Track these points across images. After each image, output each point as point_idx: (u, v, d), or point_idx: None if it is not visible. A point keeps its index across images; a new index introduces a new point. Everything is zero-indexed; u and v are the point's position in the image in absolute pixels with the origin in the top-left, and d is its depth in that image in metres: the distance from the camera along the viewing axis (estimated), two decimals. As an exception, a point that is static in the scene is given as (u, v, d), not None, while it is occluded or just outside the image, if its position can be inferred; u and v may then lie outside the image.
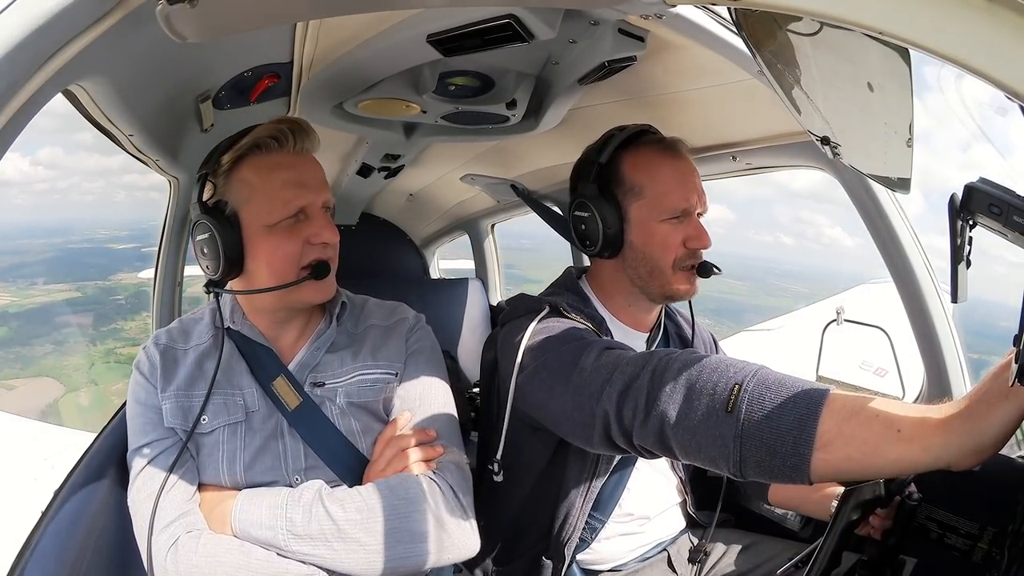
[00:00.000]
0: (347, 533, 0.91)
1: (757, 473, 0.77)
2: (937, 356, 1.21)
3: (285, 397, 1.01)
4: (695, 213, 1.17)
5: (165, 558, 0.90)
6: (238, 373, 1.03)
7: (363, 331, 1.10)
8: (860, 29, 0.49)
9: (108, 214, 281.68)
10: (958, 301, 0.66)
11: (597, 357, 0.97)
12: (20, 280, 32.77)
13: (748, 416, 0.76)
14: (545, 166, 1.93)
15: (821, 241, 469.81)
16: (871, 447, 0.69)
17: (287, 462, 1.00)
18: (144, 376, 1.02)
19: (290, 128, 0.99)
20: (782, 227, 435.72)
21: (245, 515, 0.93)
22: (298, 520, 0.91)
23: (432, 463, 1.00)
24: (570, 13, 1.01)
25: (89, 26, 0.66)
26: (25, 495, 2.00)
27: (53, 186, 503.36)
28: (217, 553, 0.90)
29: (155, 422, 0.99)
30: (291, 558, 0.91)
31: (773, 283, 69.20)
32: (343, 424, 1.03)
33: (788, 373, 0.80)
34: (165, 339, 1.06)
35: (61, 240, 49.67)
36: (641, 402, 0.87)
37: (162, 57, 0.94)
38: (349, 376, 1.05)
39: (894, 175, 0.85)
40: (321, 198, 1.00)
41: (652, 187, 1.15)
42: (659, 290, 1.18)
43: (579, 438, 1.00)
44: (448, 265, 3.46)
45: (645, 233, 1.16)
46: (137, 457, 0.98)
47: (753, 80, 0.99)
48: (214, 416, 1.00)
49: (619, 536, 1.24)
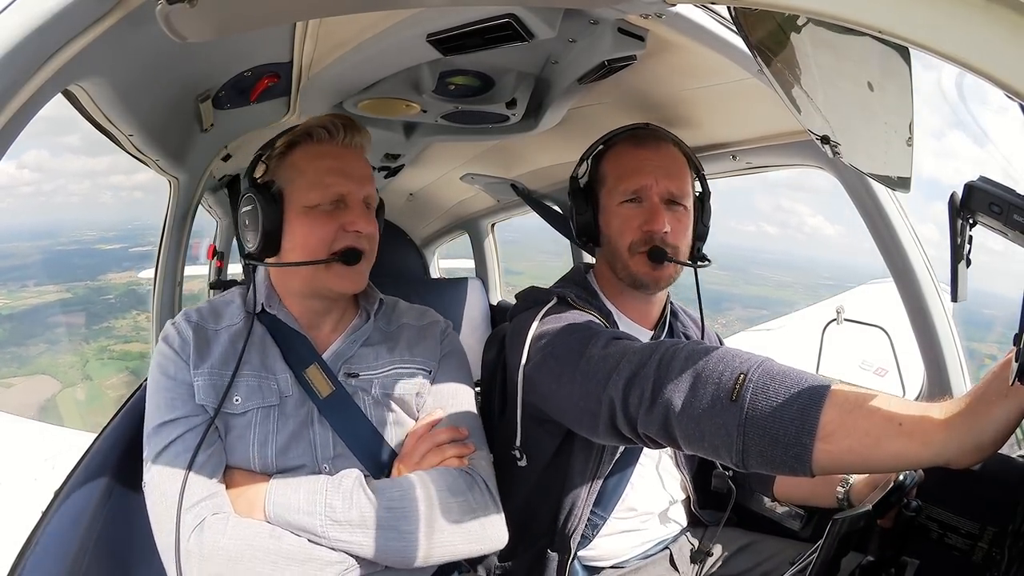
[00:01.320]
0: (387, 521, 0.92)
1: (759, 463, 0.77)
2: (937, 355, 1.21)
3: (317, 385, 1.02)
4: (653, 196, 1.17)
5: (188, 539, 0.89)
6: (272, 357, 1.03)
7: (396, 329, 1.13)
8: (860, 28, 0.49)
9: (94, 215, 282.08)
10: (958, 300, 0.66)
11: (604, 346, 0.98)
12: (11, 283, 33.10)
13: (752, 405, 0.76)
14: (545, 165, 1.93)
15: (803, 230, 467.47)
16: (872, 439, 0.69)
17: (317, 450, 1.01)
18: (175, 351, 1.00)
19: (343, 123, 1.05)
20: (764, 216, 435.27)
21: (282, 499, 0.93)
22: (339, 506, 0.92)
23: (465, 460, 1.03)
24: (570, 12, 1.01)
25: (89, 26, 0.66)
26: (25, 495, 2.00)
27: (38, 189, 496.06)
28: (248, 537, 0.89)
29: (185, 397, 0.97)
30: (324, 545, 0.91)
31: (755, 272, 69.25)
32: (375, 415, 1.05)
33: (793, 366, 0.80)
34: (196, 317, 1.05)
35: (49, 242, 49.87)
36: (647, 390, 0.87)
37: (162, 57, 0.94)
38: (385, 368, 1.08)
39: (894, 174, 0.86)
40: (363, 191, 1.04)
41: (613, 173, 1.21)
42: (625, 275, 1.20)
43: (585, 427, 1.01)
44: (447, 265, 3.46)
45: (608, 218, 1.21)
46: (161, 433, 0.95)
47: (753, 79, 0.99)
48: (248, 397, 0.99)
49: (621, 533, 1.24)
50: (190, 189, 1.54)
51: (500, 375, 1.22)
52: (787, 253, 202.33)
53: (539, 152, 1.83)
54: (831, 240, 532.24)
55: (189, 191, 1.54)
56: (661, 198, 1.17)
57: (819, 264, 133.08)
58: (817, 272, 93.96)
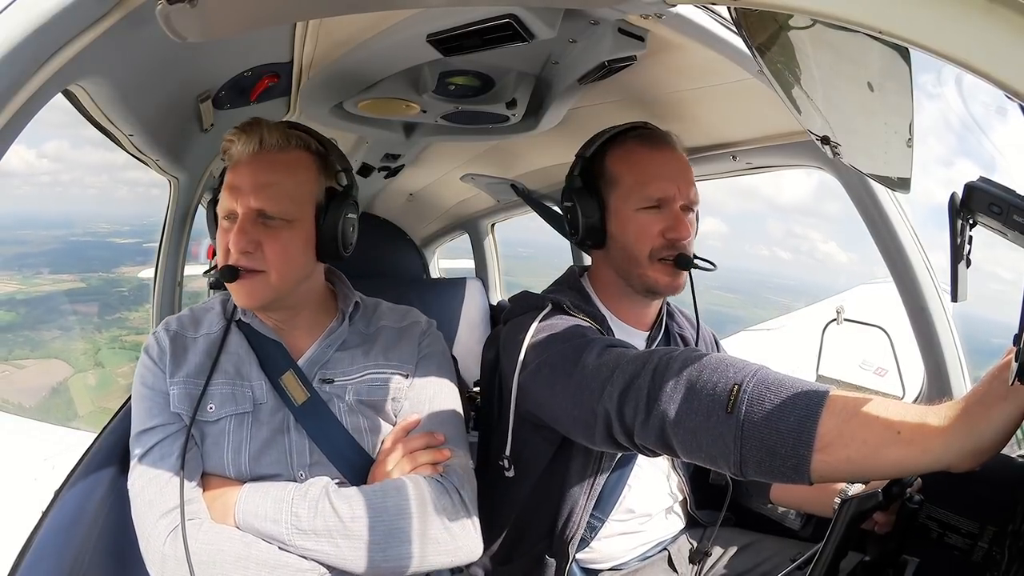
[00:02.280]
0: (352, 531, 0.91)
1: (758, 473, 0.77)
2: (937, 356, 1.21)
3: (293, 392, 1.02)
4: (675, 204, 1.16)
5: (164, 543, 0.90)
6: (247, 365, 1.03)
7: (375, 332, 1.11)
8: (860, 29, 0.49)
9: (109, 209, 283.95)
10: (958, 300, 0.66)
11: (599, 355, 0.97)
12: (25, 269, 33.46)
13: (748, 417, 0.76)
14: (545, 166, 1.93)
15: (815, 256, 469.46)
16: (871, 449, 0.69)
17: (292, 457, 1.00)
18: (153, 360, 1.02)
19: (244, 131, 1.00)
20: (776, 241, 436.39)
21: (250, 507, 0.93)
22: (304, 515, 0.91)
23: (439, 466, 1.01)
24: (570, 13, 1.01)
25: (89, 26, 0.66)
26: (25, 495, 2.00)
27: (56, 179, 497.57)
28: (219, 542, 0.90)
29: (161, 406, 0.99)
30: (293, 552, 0.91)
31: (764, 296, 69.53)
32: (350, 422, 1.03)
33: (788, 373, 0.80)
34: (175, 325, 1.07)
35: (64, 232, 50.06)
36: (642, 402, 0.87)
37: (162, 57, 0.94)
38: (360, 374, 1.06)
39: (894, 174, 0.85)
40: (251, 201, 0.97)
41: (629, 176, 1.16)
42: (639, 282, 1.18)
43: (581, 436, 1.01)
44: (446, 265, 3.46)
45: (622, 223, 1.17)
46: (141, 440, 0.98)
47: (753, 80, 0.99)
48: (221, 405, 1.00)
49: (619, 535, 1.23)
50: (190, 189, 1.54)
51: (498, 379, 1.22)
52: (799, 280, 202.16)
53: (539, 152, 1.83)
54: (844, 267, 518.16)
55: (189, 191, 1.54)
56: (681, 205, 1.17)
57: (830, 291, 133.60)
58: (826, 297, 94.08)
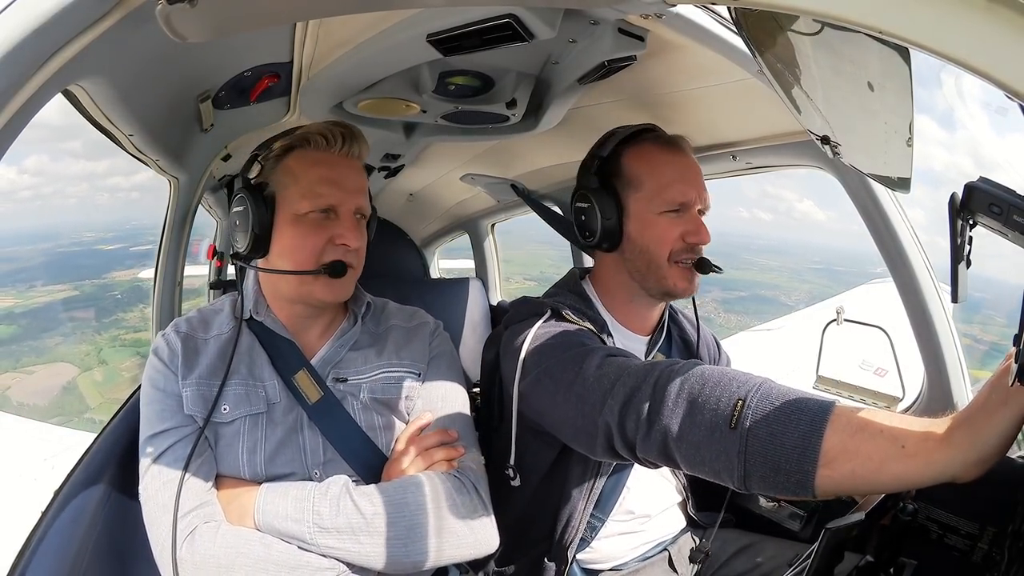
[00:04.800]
0: (374, 527, 0.92)
1: (761, 488, 0.78)
2: (937, 356, 1.21)
3: (306, 391, 1.02)
4: (695, 208, 1.16)
5: (181, 547, 0.89)
6: (260, 365, 1.03)
7: (384, 331, 1.13)
8: (860, 29, 0.49)
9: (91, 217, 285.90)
10: (958, 301, 0.66)
11: (599, 366, 0.97)
12: (19, 284, 34.25)
13: (752, 433, 0.76)
14: (545, 166, 1.93)
15: (793, 215, 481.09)
16: (876, 463, 0.69)
17: (307, 456, 1.01)
18: (163, 362, 1.02)
19: (341, 131, 1.04)
20: (753, 202, 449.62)
21: (270, 507, 0.93)
22: (326, 513, 0.92)
23: (454, 462, 1.02)
24: (570, 13, 1.01)
25: (89, 26, 0.66)
26: (25, 495, 2.00)
27: (37, 192, 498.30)
28: (237, 544, 0.90)
29: (174, 409, 0.99)
30: (313, 551, 0.91)
31: (744, 257, 69.75)
32: (364, 420, 1.04)
33: (791, 387, 0.80)
34: (185, 327, 1.06)
35: (51, 245, 50.88)
36: (643, 415, 0.86)
37: (162, 57, 0.94)
38: (374, 372, 1.07)
39: (894, 174, 0.85)
40: (354, 202, 1.03)
41: (651, 180, 1.16)
42: (656, 285, 1.17)
43: (582, 446, 1.01)
44: (445, 265, 3.46)
45: (642, 225, 1.16)
46: (153, 444, 0.97)
47: (753, 79, 0.99)
48: (235, 406, 1.00)
49: (619, 535, 1.24)
50: (190, 189, 1.54)
51: (498, 382, 1.21)
52: (781, 240, 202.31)
53: (539, 152, 1.83)
54: (823, 225, 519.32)
55: (189, 191, 1.54)
56: (701, 212, 1.18)
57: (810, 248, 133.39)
58: (807, 256, 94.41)
